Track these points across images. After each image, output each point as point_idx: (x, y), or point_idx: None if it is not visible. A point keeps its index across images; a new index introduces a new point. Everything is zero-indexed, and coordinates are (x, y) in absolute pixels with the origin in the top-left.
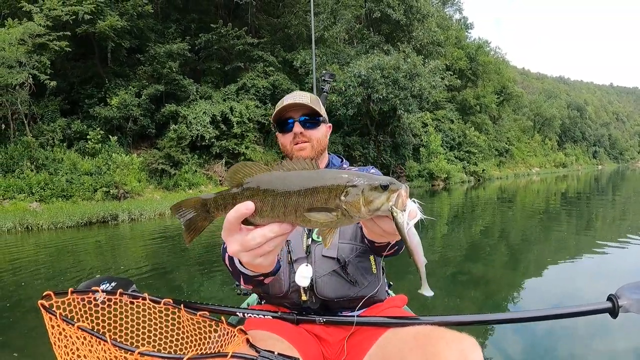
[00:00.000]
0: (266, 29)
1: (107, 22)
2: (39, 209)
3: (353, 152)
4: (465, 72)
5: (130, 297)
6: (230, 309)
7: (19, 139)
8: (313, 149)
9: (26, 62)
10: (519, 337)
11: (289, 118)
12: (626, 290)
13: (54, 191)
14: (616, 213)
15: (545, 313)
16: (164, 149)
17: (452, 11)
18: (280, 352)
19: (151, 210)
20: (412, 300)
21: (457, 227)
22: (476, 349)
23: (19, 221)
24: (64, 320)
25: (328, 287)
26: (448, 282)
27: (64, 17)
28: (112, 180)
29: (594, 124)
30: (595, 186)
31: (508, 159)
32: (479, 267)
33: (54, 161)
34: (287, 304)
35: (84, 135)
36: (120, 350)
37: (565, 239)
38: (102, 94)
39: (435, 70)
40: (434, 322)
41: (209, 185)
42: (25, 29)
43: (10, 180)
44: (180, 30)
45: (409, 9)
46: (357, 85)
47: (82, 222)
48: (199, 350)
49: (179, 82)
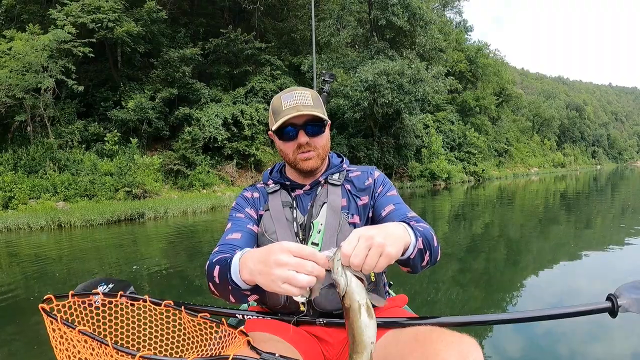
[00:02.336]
0: (272, 32)
1: (125, 28)
2: (66, 208)
3: (358, 153)
4: (465, 74)
5: (131, 299)
6: (230, 310)
7: (40, 141)
8: (319, 157)
9: (51, 67)
10: (519, 337)
11: (291, 124)
12: (625, 290)
13: (77, 191)
14: (615, 213)
15: (545, 313)
16: (180, 151)
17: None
18: (282, 354)
19: (176, 209)
20: (412, 300)
21: (457, 227)
22: (476, 350)
23: (51, 219)
24: (64, 324)
25: (326, 301)
26: (448, 282)
27: (89, 25)
28: (134, 181)
29: (593, 124)
30: (594, 186)
31: (507, 159)
32: (479, 267)
33: (74, 162)
34: (286, 312)
35: (100, 137)
36: (121, 353)
37: (565, 238)
38: (117, 97)
39: (438, 75)
40: (434, 323)
41: (222, 186)
42: (54, 36)
43: (35, 181)
44: (190, 35)
45: (412, 16)
46: (364, 90)
47: (112, 219)
48: (200, 353)
49: (192, 85)
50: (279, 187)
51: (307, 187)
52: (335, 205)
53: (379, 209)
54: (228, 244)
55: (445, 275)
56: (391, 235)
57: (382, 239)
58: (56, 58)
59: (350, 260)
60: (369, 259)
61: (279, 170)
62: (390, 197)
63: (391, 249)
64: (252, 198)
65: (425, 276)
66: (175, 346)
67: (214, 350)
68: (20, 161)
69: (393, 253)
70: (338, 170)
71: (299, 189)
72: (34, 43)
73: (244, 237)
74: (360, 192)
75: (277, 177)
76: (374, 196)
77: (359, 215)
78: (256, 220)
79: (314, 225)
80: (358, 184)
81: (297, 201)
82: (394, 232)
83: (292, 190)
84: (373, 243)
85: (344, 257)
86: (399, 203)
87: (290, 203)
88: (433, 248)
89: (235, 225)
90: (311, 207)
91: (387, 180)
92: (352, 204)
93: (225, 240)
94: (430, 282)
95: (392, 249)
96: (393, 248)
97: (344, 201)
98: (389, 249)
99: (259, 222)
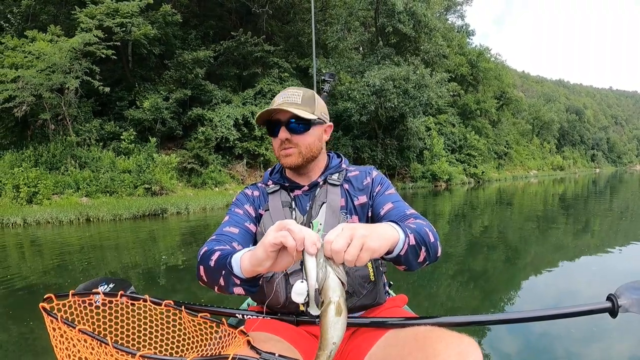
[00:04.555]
0: (279, 35)
1: (143, 31)
2: (89, 203)
3: (362, 154)
4: (466, 77)
5: (132, 299)
6: (230, 310)
7: (60, 139)
8: (300, 155)
9: (76, 67)
10: (518, 338)
11: (276, 120)
12: (626, 290)
13: (98, 187)
14: (614, 215)
15: (545, 313)
16: (194, 150)
17: (454, 18)
18: (281, 354)
19: (196, 205)
20: (412, 300)
21: (457, 227)
22: (475, 350)
23: (79, 213)
24: (64, 323)
25: None
26: (448, 282)
27: (115, 29)
28: (153, 178)
29: (593, 127)
30: (593, 189)
31: (507, 162)
32: (479, 267)
33: (93, 160)
34: (286, 312)
35: (116, 136)
36: (121, 353)
37: (564, 239)
38: (132, 97)
39: (442, 81)
40: (434, 323)
41: (233, 184)
42: (82, 38)
43: (57, 177)
44: (200, 37)
45: (418, 23)
46: (371, 94)
47: (138, 214)
48: (200, 352)
49: (204, 87)
50: (279, 187)
51: (306, 187)
52: (334, 205)
53: (378, 208)
54: (226, 235)
55: (445, 275)
56: (375, 230)
57: (365, 232)
58: (80, 59)
59: (331, 247)
60: (350, 248)
61: (279, 171)
62: (388, 195)
63: (373, 242)
64: (253, 196)
65: (425, 276)
66: (175, 346)
67: (214, 350)
68: (40, 158)
69: (374, 246)
70: (337, 170)
71: (298, 189)
72: (61, 45)
73: (241, 233)
74: (358, 191)
75: (277, 177)
76: (372, 195)
77: (358, 215)
78: (254, 218)
79: (314, 225)
80: (356, 184)
81: (297, 201)
82: (378, 228)
83: (291, 190)
84: (355, 234)
85: (327, 244)
86: (398, 201)
87: (290, 203)
88: (429, 244)
89: (232, 220)
90: (310, 207)
91: (385, 179)
92: (351, 204)
93: (223, 232)
94: (430, 282)
95: (374, 243)
96: (375, 242)
97: (343, 201)
98: (371, 242)
99: (257, 222)
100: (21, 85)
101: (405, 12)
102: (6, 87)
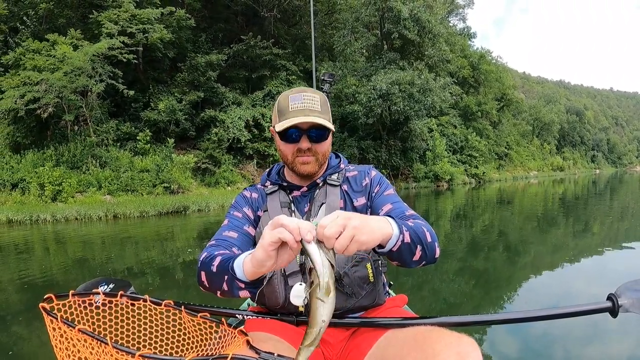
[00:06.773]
0: (285, 38)
1: (159, 35)
2: (113, 201)
3: (367, 154)
4: (468, 79)
5: (132, 299)
6: (230, 310)
7: (80, 139)
8: (317, 162)
9: (100, 71)
10: (519, 338)
11: (294, 126)
12: (626, 290)
13: (119, 186)
14: (614, 215)
15: (545, 313)
16: (207, 150)
17: (456, 20)
18: (281, 354)
19: (216, 203)
20: (412, 300)
21: (458, 226)
22: (475, 350)
23: (107, 210)
24: (64, 323)
25: None
26: (448, 282)
27: (138, 36)
28: (171, 177)
29: (593, 128)
30: (593, 189)
31: (507, 163)
32: (479, 266)
33: (112, 159)
34: (286, 312)
35: (132, 136)
36: (121, 353)
37: (564, 239)
38: (146, 99)
39: (445, 86)
40: (433, 323)
41: (244, 183)
42: (107, 43)
43: (80, 176)
44: (210, 40)
45: (422, 29)
46: (377, 98)
47: (163, 211)
48: (199, 352)
49: (216, 89)
50: (277, 188)
51: (305, 188)
52: (333, 206)
53: (377, 209)
54: (225, 240)
55: (445, 275)
56: (368, 224)
57: (358, 223)
58: (102, 63)
59: (324, 231)
60: (340, 238)
61: (278, 171)
62: (387, 196)
63: (363, 236)
64: (251, 198)
65: (425, 276)
66: (175, 346)
67: (213, 349)
68: (62, 157)
69: (363, 240)
70: (336, 170)
71: (297, 190)
72: (87, 50)
73: (240, 237)
74: (357, 193)
75: (275, 178)
76: (370, 196)
77: None
78: (253, 221)
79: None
80: (355, 185)
81: (296, 202)
82: (372, 222)
83: (290, 191)
84: (348, 224)
85: (320, 228)
86: (397, 202)
87: (289, 204)
88: (426, 244)
89: (231, 224)
90: (310, 208)
91: (383, 179)
92: (350, 205)
93: (222, 236)
94: (430, 282)
95: (364, 237)
96: (366, 236)
97: (341, 203)
98: (361, 235)
99: (255, 224)
100: (46, 88)
101: (411, 19)
102: (30, 89)
